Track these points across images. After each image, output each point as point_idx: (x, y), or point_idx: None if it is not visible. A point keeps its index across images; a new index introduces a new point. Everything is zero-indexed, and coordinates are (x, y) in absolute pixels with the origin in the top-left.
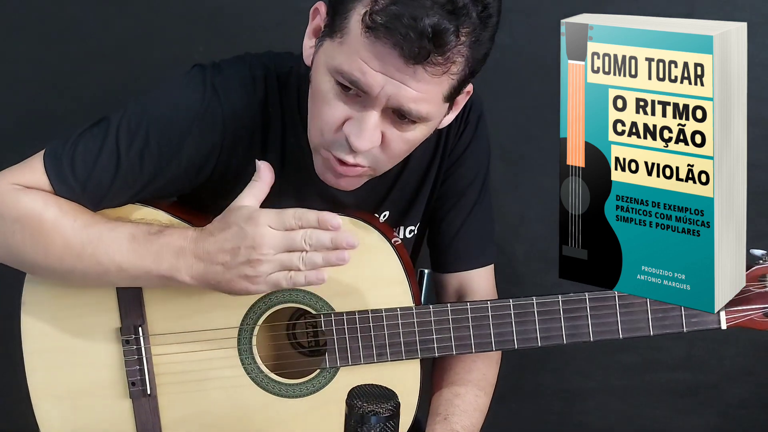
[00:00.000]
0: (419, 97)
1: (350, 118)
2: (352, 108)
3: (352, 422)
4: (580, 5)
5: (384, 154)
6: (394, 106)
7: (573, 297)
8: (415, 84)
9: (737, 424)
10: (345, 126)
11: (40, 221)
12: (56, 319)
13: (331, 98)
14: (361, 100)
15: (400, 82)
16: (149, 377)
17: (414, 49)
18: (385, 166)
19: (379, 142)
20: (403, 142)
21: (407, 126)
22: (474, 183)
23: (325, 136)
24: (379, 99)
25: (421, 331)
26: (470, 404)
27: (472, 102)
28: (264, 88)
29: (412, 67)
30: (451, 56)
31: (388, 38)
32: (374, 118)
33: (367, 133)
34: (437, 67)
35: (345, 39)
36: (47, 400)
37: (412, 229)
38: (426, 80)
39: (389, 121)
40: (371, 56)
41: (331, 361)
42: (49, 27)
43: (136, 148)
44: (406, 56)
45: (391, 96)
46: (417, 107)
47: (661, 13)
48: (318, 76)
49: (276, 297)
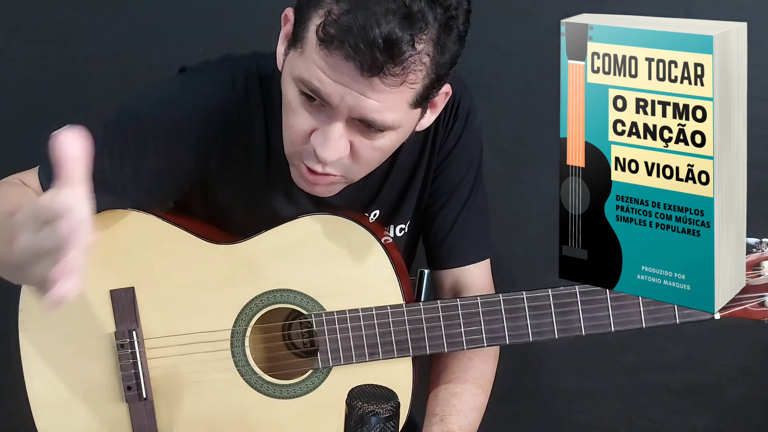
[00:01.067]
0: (381, 107)
1: (316, 129)
2: (317, 118)
3: (351, 422)
4: (580, 5)
5: (355, 163)
6: (358, 117)
7: (563, 291)
8: (374, 95)
9: (736, 424)
10: (312, 137)
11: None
12: (52, 326)
13: (297, 107)
14: (325, 110)
15: (359, 93)
16: (145, 381)
17: (367, 61)
18: (358, 174)
19: (347, 152)
20: (373, 150)
21: (375, 134)
22: (466, 178)
23: (294, 146)
24: (341, 110)
25: (412, 329)
26: (467, 403)
27: (461, 97)
28: (244, 89)
29: (368, 79)
30: (408, 66)
31: (341, 51)
32: (338, 129)
33: (332, 144)
34: (395, 77)
35: (304, 49)
36: (46, 406)
37: (402, 228)
38: (385, 91)
39: (356, 130)
40: (328, 67)
41: (324, 361)
42: (49, 28)
43: (116, 151)
44: (360, 68)
45: (352, 107)
46: (381, 117)
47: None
48: (285, 85)
49: (267, 298)
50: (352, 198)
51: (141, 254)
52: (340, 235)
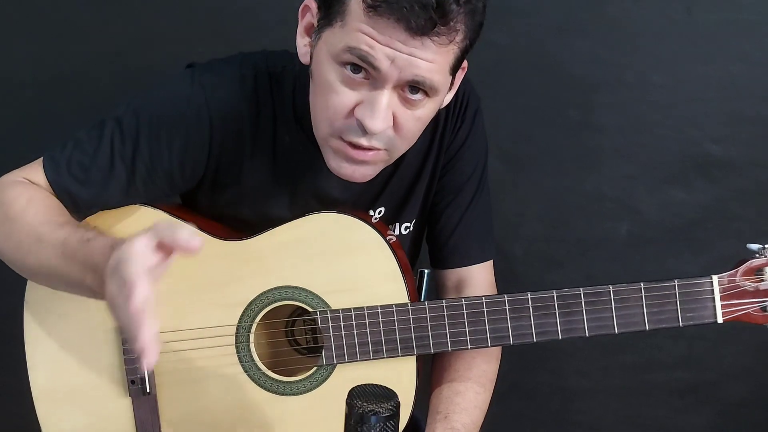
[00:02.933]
0: (431, 67)
1: (360, 102)
2: (361, 92)
3: (352, 422)
4: (580, 5)
5: (398, 136)
6: (408, 79)
7: (568, 292)
8: (423, 54)
9: (737, 423)
10: (356, 111)
11: (8, 210)
12: (57, 319)
13: (338, 86)
14: (370, 82)
15: (409, 55)
16: (148, 376)
17: (420, 21)
18: (399, 149)
19: (392, 122)
20: (415, 121)
21: (417, 104)
22: (471, 179)
23: (335, 124)
24: (390, 75)
25: (416, 328)
26: (470, 402)
27: (469, 98)
28: (253, 86)
29: (419, 39)
30: (454, 24)
31: (392, 14)
32: (386, 97)
33: (380, 113)
34: (443, 36)
35: (346, 21)
36: (48, 399)
37: (407, 226)
38: (433, 50)
39: (399, 101)
40: (377, 32)
41: (328, 358)
42: (49, 28)
43: (128, 148)
44: (412, 29)
45: (403, 68)
46: (431, 76)
47: (661, 13)
48: (322, 69)
49: (273, 295)
50: (359, 194)
51: None
52: (346, 233)
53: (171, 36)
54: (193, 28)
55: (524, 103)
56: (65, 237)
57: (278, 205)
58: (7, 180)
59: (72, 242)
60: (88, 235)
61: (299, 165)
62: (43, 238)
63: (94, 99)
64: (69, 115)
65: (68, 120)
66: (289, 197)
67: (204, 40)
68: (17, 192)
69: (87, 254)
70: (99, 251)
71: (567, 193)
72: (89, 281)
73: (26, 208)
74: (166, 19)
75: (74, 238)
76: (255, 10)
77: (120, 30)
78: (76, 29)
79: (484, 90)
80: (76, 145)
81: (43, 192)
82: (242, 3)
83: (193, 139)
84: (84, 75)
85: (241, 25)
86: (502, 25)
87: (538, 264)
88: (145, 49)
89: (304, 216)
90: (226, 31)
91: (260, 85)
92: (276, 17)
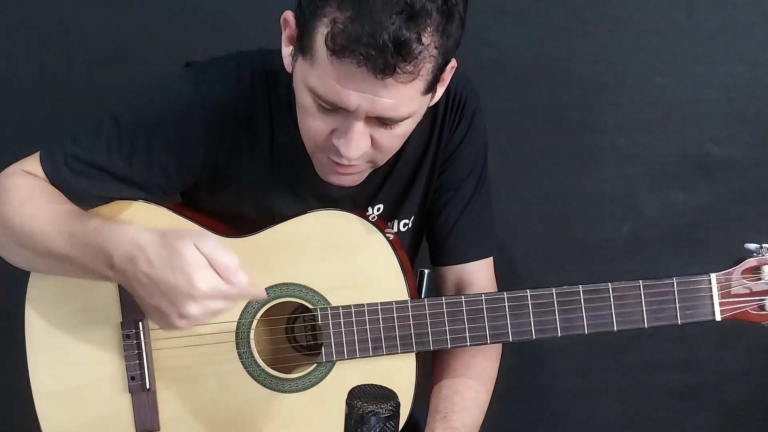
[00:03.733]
0: (396, 104)
1: (336, 129)
2: (336, 119)
3: (352, 422)
4: (580, 5)
5: (378, 152)
6: (375, 116)
7: (567, 289)
8: (388, 93)
9: (737, 424)
10: (333, 138)
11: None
12: (59, 314)
13: (314, 112)
14: (343, 112)
15: (374, 95)
16: (149, 372)
17: (379, 65)
18: (383, 160)
19: (369, 145)
20: (393, 138)
21: (394, 125)
22: (470, 176)
23: (317, 144)
24: (359, 113)
25: (416, 325)
26: (470, 401)
27: (468, 96)
28: (250, 84)
29: (382, 80)
30: (419, 62)
31: (353, 58)
32: (359, 128)
33: (354, 143)
34: (407, 74)
35: (314, 60)
36: (48, 394)
37: (406, 223)
38: (399, 88)
39: (375, 124)
40: (341, 77)
41: (327, 355)
42: (49, 28)
43: (125, 145)
44: (374, 72)
45: (369, 110)
46: (397, 113)
47: (662, 13)
48: (298, 91)
49: (273, 292)
50: (357, 192)
51: None
52: (346, 230)
53: (171, 36)
54: (192, 28)
55: (524, 103)
56: (71, 227)
57: (278, 203)
58: (6, 173)
59: (79, 233)
60: (94, 223)
61: (297, 162)
62: (49, 228)
63: (94, 99)
64: (69, 115)
65: (68, 119)
66: (288, 194)
67: (203, 40)
68: (18, 182)
69: (98, 244)
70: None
71: (567, 194)
72: (101, 268)
73: (28, 198)
74: (166, 19)
75: (81, 228)
76: (255, 10)
77: (120, 30)
78: (76, 29)
79: (484, 90)
80: (73, 140)
81: (43, 182)
82: (242, 3)
83: (190, 137)
84: (84, 75)
85: (241, 26)
86: (502, 25)
87: (538, 264)
88: (145, 49)
89: (305, 213)
90: (225, 31)
91: (257, 84)
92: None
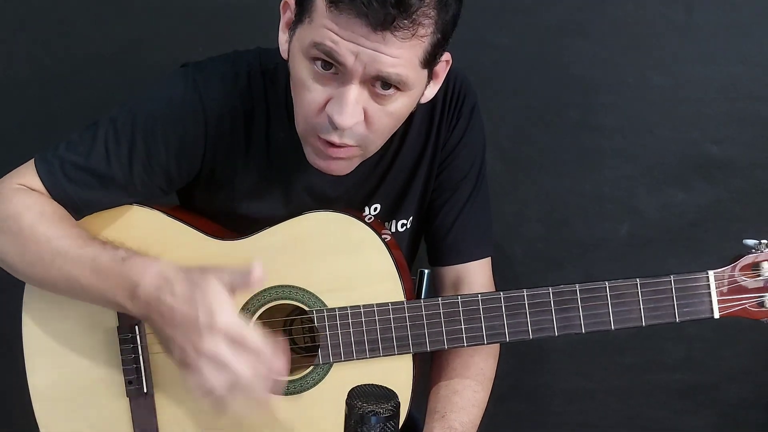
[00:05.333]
0: (395, 61)
1: (330, 98)
2: (331, 87)
3: (352, 422)
4: (579, 5)
5: (369, 131)
6: (373, 74)
7: (564, 289)
8: (387, 49)
9: (736, 424)
10: (327, 107)
11: (19, 224)
12: (56, 319)
13: (309, 83)
14: (338, 77)
15: (373, 50)
16: (146, 376)
17: (379, 16)
18: (373, 144)
19: (362, 118)
20: (386, 116)
21: (388, 98)
22: (469, 175)
23: (309, 121)
24: (355, 70)
25: (412, 326)
26: (468, 400)
27: (466, 94)
28: (247, 83)
29: (381, 33)
30: (417, 18)
31: (352, 9)
32: (354, 92)
33: (348, 108)
34: (405, 30)
35: (313, 17)
36: (47, 399)
37: (404, 223)
38: (397, 45)
39: (369, 95)
40: (339, 28)
41: (324, 357)
42: (49, 28)
43: (123, 148)
44: (372, 24)
45: (367, 64)
46: (396, 71)
47: (661, 13)
48: (295, 65)
49: (269, 294)
50: (354, 191)
51: (144, 249)
52: (341, 232)
53: (170, 36)
54: (192, 29)
55: (524, 103)
56: (95, 253)
57: (273, 202)
58: (4, 189)
59: (104, 259)
60: (121, 253)
61: (293, 161)
62: (66, 253)
63: (94, 99)
64: (69, 115)
65: (68, 120)
66: (283, 194)
67: (203, 40)
68: (23, 203)
69: (123, 272)
70: (137, 271)
71: (567, 194)
72: (120, 297)
73: (40, 221)
74: (166, 19)
75: (106, 255)
76: (254, 10)
77: (120, 30)
78: (76, 29)
79: (484, 90)
80: (69, 146)
81: (50, 201)
82: (241, 3)
83: (189, 135)
84: (84, 74)
85: (240, 26)
86: (502, 25)
87: (537, 265)
88: (144, 49)
89: (300, 215)
90: (224, 31)
91: (254, 83)
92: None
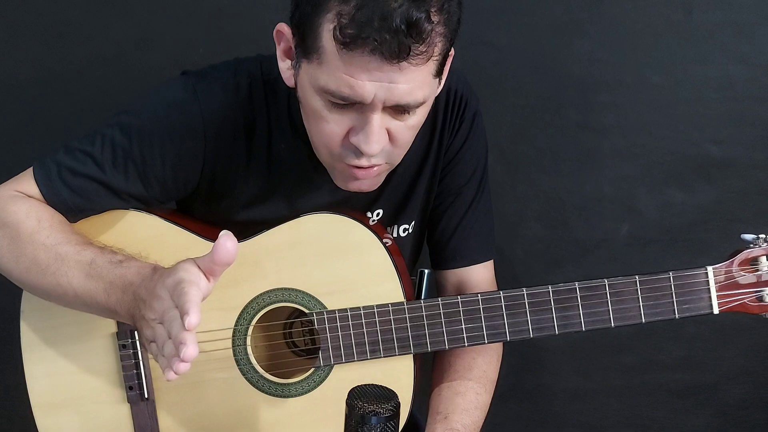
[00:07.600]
0: (411, 88)
1: (352, 128)
2: (351, 117)
3: (352, 422)
4: (579, 5)
5: (395, 147)
6: (392, 105)
7: (563, 287)
8: (403, 78)
9: (736, 424)
10: (350, 136)
11: (18, 231)
12: (54, 326)
13: (326, 114)
14: (358, 107)
15: (389, 83)
16: (146, 381)
17: (393, 48)
18: (399, 157)
19: (388, 140)
20: (408, 129)
21: (407, 115)
22: (471, 180)
23: (333, 151)
24: (376, 104)
25: (413, 326)
26: (471, 402)
27: (468, 100)
28: (248, 94)
29: (397, 64)
30: (431, 40)
31: (366, 47)
32: (377, 121)
33: (374, 137)
34: (420, 56)
35: (322, 58)
36: (47, 406)
37: (406, 228)
38: (412, 70)
39: (389, 116)
40: (354, 69)
41: (325, 359)
42: (49, 29)
43: (119, 156)
44: (386, 57)
45: (386, 98)
46: (414, 98)
47: (661, 13)
48: (307, 97)
49: (269, 297)
50: (356, 198)
51: (143, 254)
52: (341, 234)
53: (170, 37)
54: (192, 30)
55: (524, 103)
56: (92, 257)
57: (275, 213)
58: (2, 197)
59: (100, 262)
60: (119, 257)
61: (295, 172)
62: (65, 258)
63: (94, 99)
64: (69, 116)
65: (68, 121)
66: (285, 204)
67: (203, 41)
68: (22, 210)
69: (119, 274)
70: (134, 272)
71: (567, 194)
72: (114, 300)
73: (38, 228)
74: (166, 20)
75: (103, 259)
76: (254, 11)
77: (120, 30)
78: (76, 29)
79: (484, 90)
80: (66, 152)
81: (46, 207)
82: (242, 4)
83: (187, 148)
84: (84, 75)
85: (240, 27)
86: (502, 25)
87: (537, 265)
88: (144, 50)
89: (299, 217)
90: (224, 32)
91: (255, 93)
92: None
